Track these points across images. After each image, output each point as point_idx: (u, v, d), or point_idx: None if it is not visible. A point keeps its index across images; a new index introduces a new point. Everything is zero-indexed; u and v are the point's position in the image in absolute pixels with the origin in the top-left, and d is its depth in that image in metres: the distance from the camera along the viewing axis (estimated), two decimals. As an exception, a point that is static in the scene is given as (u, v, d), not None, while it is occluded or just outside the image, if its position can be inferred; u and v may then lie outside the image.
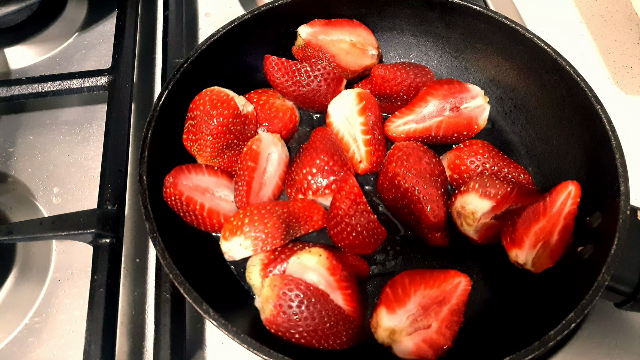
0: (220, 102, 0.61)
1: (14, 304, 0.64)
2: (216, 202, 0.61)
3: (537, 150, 0.68)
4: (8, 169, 0.74)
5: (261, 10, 0.66)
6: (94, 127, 0.78)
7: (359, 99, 0.66)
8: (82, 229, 0.60)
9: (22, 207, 0.71)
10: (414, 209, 0.60)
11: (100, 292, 0.57)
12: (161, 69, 0.78)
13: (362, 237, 0.58)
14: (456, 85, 0.68)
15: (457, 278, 0.55)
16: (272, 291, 0.51)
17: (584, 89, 0.58)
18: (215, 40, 0.64)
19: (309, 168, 0.61)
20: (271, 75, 0.67)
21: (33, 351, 0.61)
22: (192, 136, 0.63)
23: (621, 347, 0.60)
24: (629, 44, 0.87)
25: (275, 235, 0.57)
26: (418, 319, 0.53)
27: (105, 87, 0.76)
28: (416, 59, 0.77)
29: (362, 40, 0.72)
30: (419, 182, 0.60)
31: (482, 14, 0.66)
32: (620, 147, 0.53)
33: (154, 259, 0.67)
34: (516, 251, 0.55)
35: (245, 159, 0.62)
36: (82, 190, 0.72)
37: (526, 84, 0.68)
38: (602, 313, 0.62)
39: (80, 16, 0.92)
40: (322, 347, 0.52)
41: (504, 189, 0.57)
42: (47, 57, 0.86)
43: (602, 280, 0.47)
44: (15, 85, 0.75)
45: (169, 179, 0.58)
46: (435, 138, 0.68)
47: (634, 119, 0.79)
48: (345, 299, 0.53)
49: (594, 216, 0.54)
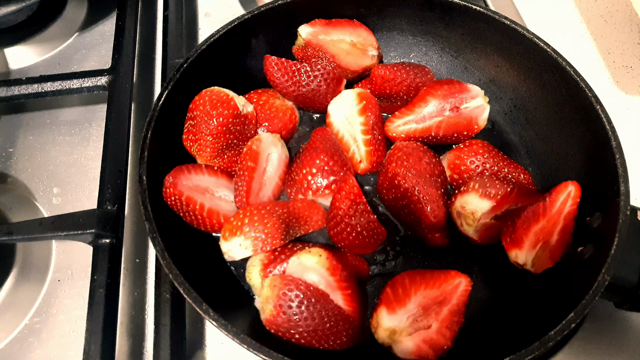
0: (220, 102, 0.61)
1: (14, 304, 0.64)
2: (216, 202, 0.61)
3: (537, 150, 0.68)
4: (8, 169, 0.74)
5: (261, 10, 0.67)
6: (94, 127, 0.78)
7: (359, 99, 0.66)
8: (82, 229, 0.60)
9: (22, 207, 0.71)
10: (414, 209, 0.60)
11: (100, 292, 0.57)
12: (161, 69, 0.78)
13: (362, 237, 0.58)
14: (456, 85, 0.68)
15: (458, 278, 0.55)
16: (272, 291, 0.51)
17: (584, 89, 0.58)
18: (215, 40, 0.64)
19: (309, 168, 0.61)
20: (271, 75, 0.67)
21: (33, 351, 0.61)
22: (192, 136, 0.63)
23: (621, 347, 0.60)
24: (629, 44, 0.87)
25: (275, 236, 0.57)
26: (418, 319, 0.53)
27: (105, 87, 0.76)
28: (416, 59, 0.77)
29: (363, 40, 0.72)
30: (419, 182, 0.60)
31: (482, 14, 0.66)
32: (620, 147, 0.53)
33: (153, 259, 0.67)
34: (516, 251, 0.55)
35: (245, 159, 0.62)
36: (82, 190, 0.72)
37: (526, 84, 0.68)
38: (602, 313, 0.62)
39: (80, 16, 0.92)
40: (322, 347, 0.52)
41: (504, 189, 0.57)
42: (47, 57, 0.86)
43: (602, 280, 0.47)
44: (15, 85, 0.75)
45: (169, 179, 0.58)
46: (435, 138, 0.68)
47: (634, 119, 0.79)
48: (345, 299, 0.53)
49: (594, 216, 0.54)
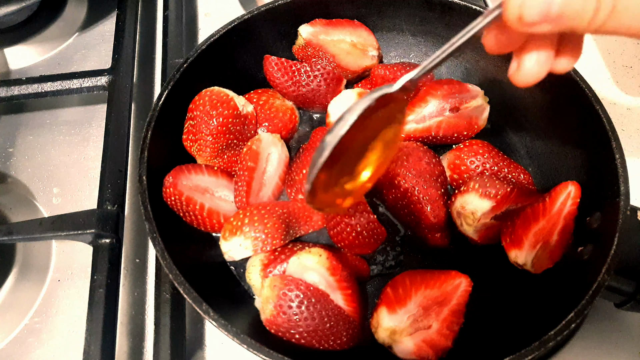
0: (220, 102, 0.61)
1: (14, 304, 0.64)
2: (216, 202, 0.61)
3: (537, 150, 0.68)
4: (8, 169, 0.74)
5: (261, 10, 0.66)
6: (94, 127, 0.78)
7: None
8: (82, 229, 0.60)
9: (22, 207, 0.71)
10: (414, 209, 0.60)
11: (100, 292, 0.57)
12: (161, 69, 0.78)
13: (362, 237, 0.58)
14: (456, 85, 0.68)
15: (458, 279, 0.54)
16: (272, 291, 0.51)
17: (584, 89, 0.58)
18: (215, 40, 0.64)
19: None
20: (271, 75, 0.67)
21: (33, 351, 0.61)
22: (192, 136, 0.63)
23: (621, 347, 0.60)
24: (629, 44, 0.87)
25: (275, 236, 0.57)
26: (419, 319, 0.53)
27: (105, 87, 0.76)
28: (416, 59, 0.77)
29: (363, 41, 0.72)
30: (419, 182, 0.60)
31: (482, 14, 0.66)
32: (620, 147, 0.53)
33: (153, 259, 0.67)
34: (516, 252, 0.55)
35: (245, 159, 0.62)
36: (82, 190, 0.72)
37: (526, 84, 0.68)
38: (602, 313, 0.62)
39: (80, 16, 0.92)
40: (322, 347, 0.52)
41: (504, 189, 0.57)
42: (47, 57, 0.86)
43: (602, 280, 0.47)
44: (15, 85, 0.75)
45: (169, 179, 0.58)
46: (435, 138, 0.68)
47: (634, 119, 0.79)
48: (346, 299, 0.53)
49: (594, 216, 0.54)
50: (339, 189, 0.44)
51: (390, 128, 0.44)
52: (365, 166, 0.44)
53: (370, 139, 0.43)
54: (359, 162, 0.44)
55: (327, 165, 0.40)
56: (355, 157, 0.43)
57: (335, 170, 0.42)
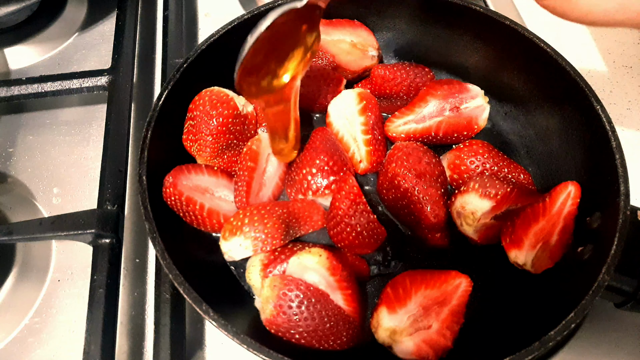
0: (220, 102, 0.61)
1: (13, 304, 0.64)
2: (216, 202, 0.61)
3: (537, 150, 0.68)
4: (8, 169, 0.74)
5: (261, 10, 0.66)
6: (94, 127, 0.78)
7: (359, 99, 0.66)
8: (82, 229, 0.60)
9: (22, 207, 0.71)
10: (413, 209, 0.60)
11: (100, 292, 0.57)
12: (161, 69, 0.78)
13: (362, 237, 0.58)
14: (456, 85, 0.68)
15: (458, 279, 0.54)
16: (272, 291, 0.51)
17: (584, 89, 0.58)
18: (215, 40, 0.64)
19: (309, 168, 0.61)
20: (271, 75, 0.67)
21: (33, 351, 0.61)
22: (192, 136, 0.63)
23: (621, 347, 0.60)
24: (629, 44, 0.87)
25: (275, 236, 0.57)
26: (419, 319, 0.53)
27: (105, 87, 0.76)
28: (416, 59, 0.77)
29: (363, 41, 0.72)
30: (418, 182, 0.60)
31: (482, 14, 0.66)
32: (620, 147, 0.53)
33: (153, 259, 0.67)
34: (516, 252, 0.55)
35: (245, 159, 0.62)
36: (82, 190, 0.72)
37: (526, 84, 0.68)
38: (602, 313, 0.62)
39: (80, 16, 0.92)
40: (322, 347, 0.52)
41: (504, 189, 0.57)
42: (47, 57, 0.86)
43: (602, 280, 0.47)
44: (15, 85, 0.75)
45: (169, 179, 0.58)
46: (435, 138, 0.68)
47: (634, 119, 0.79)
48: (345, 299, 0.53)
49: (594, 216, 0.54)
50: (266, 84, 0.54)
51: (302, 46, 0.53)
52: (286, 70, 0.54)
53: (288, 52, 0.53)
54: (281, 67, 0.54)
55: (254, 54, 0.48)
56: (278, 63, 0.53)
57: (259, 60, 0.50)
